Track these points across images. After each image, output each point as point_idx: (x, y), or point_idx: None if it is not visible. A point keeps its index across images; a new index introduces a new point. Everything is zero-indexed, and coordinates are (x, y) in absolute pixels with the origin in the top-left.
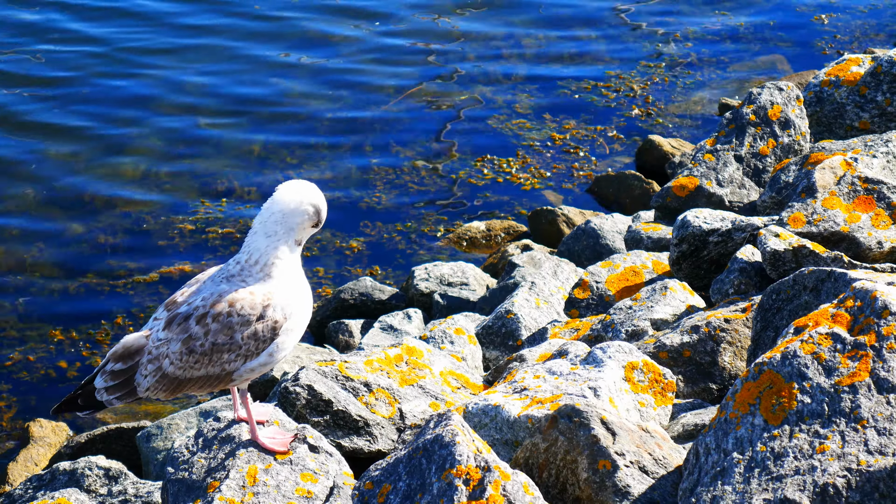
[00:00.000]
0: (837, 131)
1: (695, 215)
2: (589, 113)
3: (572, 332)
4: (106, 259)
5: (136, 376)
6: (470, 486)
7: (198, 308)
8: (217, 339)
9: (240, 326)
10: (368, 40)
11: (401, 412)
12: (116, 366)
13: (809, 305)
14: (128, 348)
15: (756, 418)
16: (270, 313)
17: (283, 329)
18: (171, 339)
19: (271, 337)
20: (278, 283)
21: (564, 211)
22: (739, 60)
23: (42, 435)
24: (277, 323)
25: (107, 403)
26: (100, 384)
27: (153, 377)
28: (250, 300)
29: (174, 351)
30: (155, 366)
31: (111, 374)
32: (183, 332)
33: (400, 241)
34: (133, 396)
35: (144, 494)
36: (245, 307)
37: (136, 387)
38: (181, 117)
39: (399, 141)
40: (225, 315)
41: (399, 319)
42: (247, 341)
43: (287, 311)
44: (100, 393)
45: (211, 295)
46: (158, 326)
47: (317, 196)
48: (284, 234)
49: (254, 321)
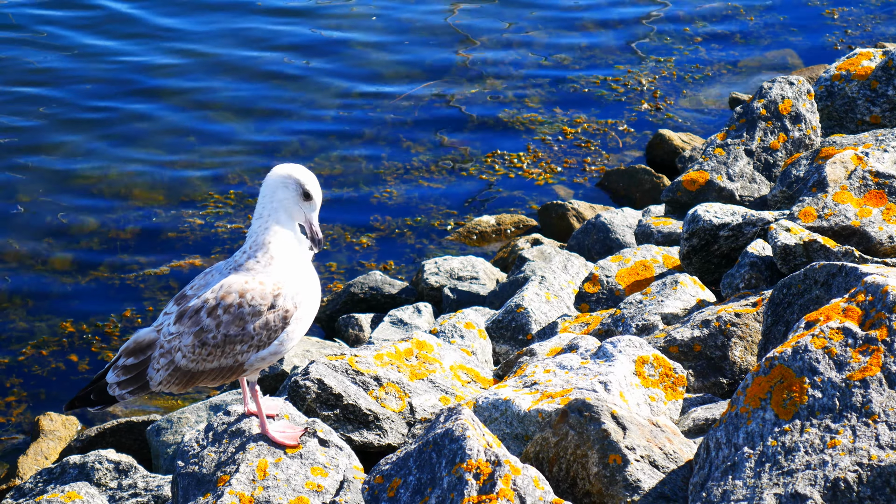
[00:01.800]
0: (848, 125)
1: (705, 210)
2: (599, 107)
3: (582, 327)
4: (116, 253)
5: (149, 370)
6: (480, 481)
7: (208, 300)
8: (229, 331)
9: (251, 317)
10: (378, 35)
11: (411, 406)
12: (128, 361)
13: (820, 300)
14: (139, 343)
15: (767, 413)
16: (281, 302)
17: (294, 318)
18: (183, 333)
19: (282, 326)
20: (285, 269)
21: (575, 205)
22: (750, 55)
23: (52, 428)
24: (288, 312)
25: (119, 398)
26: (112, 379)
27: (165, 371)
28: (260, 290)
29: (186, 344)
30: (167, 359)
31: (123, 369)
32: (195, 326)
33: (410, 236)
34: (146, 391)
35: (154, 488)
36: (256, 297)
37: (149, 381)
38: (191, 111)
39: (409, 136)
40: (236, 306)
41: (409, 314)
42: (258, 331)
43: (297, 299)
44: (112, 388)
45: (220, 287)
46: (169, 321)
47: (298, 170)
48: (275, 213)
49: (265, 311)
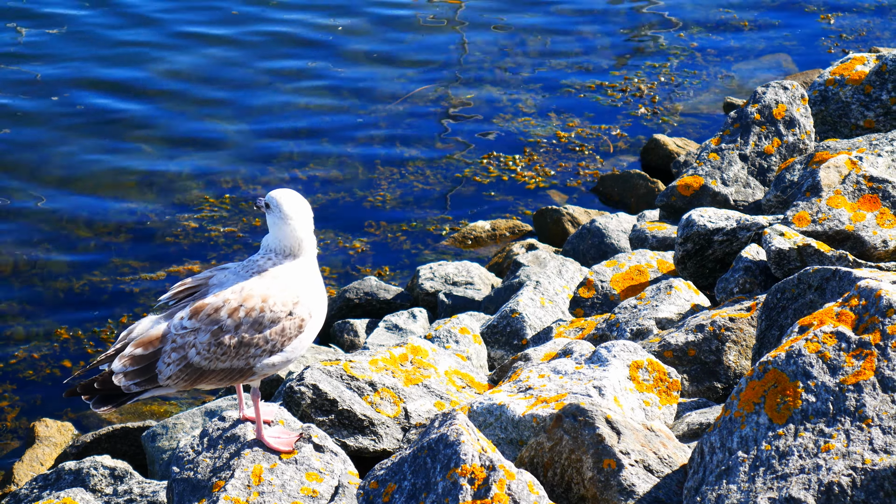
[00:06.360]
0: (842, 130)
1: (700, 214)
2: (594, 112)
3: (577, 332)
4: (111, 258)
5: (159, 364)
6: (475, 486)
7: (229, 300)
8: (247, 334)
9: (270, 322)
10: (374, 40)
11: (406, 411)
12: (136, 351)
13: (814, 304)
14: (149, 334)
15: (761, 417)
16: (299, 311)
17: (308, 326)
18: (199, 330)
19: (297, 334)
20: (305, 278)
21: (569, 210)
22: (745, 59)
23: (47, 434)
24: (304, 321)
25: (125, 389)
26: (118, 368)
27: (177, 366)
28: (282, 297)
29: (202, 342)
30: (180, 355)
31: (131, 359)
32: (213, 324)
33: (405, 241)
34: (153, 384)
35: (150, 494)
36: (277, 304)
37: (158, 374)
38: (185, 115)
39: (404, 140)
40: (258, 310)
41: (404, 319)
42: (274, 337)
43: (311, 309)
44: (118, 377)
45: (242, 289)
46: (179, 314)
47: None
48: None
49: (283, 318)
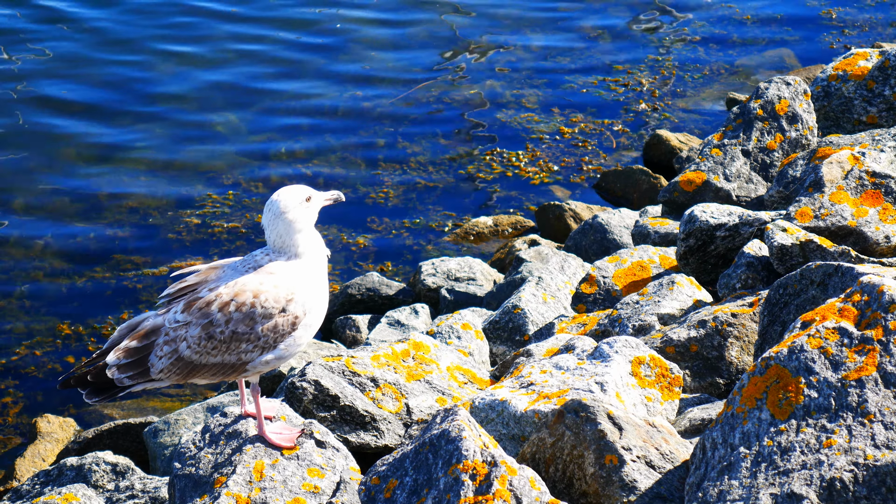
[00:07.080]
0: (845, 125)
1: (702, 210)
2: (596, 107)
3: (579, 327)
4: (113, 254)
5: (151, 357)
6: (476, 481)
7: (221, 295)
8: (237, 328)
9: (262, 318)
10: (375, 35)
11: (407, 407)
12: (132, 343)
13: (816, 300)
14: (144, 327)
15: (763, 413)
16: (292, 308)
17: (302, 324)
18: (191, 323)
19: (290, 331)
20: (301, 275)
21: (572, 206)
22: (747, 55)
23: (49, 430)
24: (297, 318)
25: (117, 382)
26: (112, 361)
27: (168, 359)
28: (274, 293)
29: (193, 335)
30: (171, 348)
31: (125, 352)
32: (204, 318)
33: (407, 237)
34: (145, 377)
35: (151, 490)
36: (269, 300)
37: (150, 367)
38: (188, 111)
39: (407, 136)
40: (249, 305)
41: (406, 315)
42: (266, 333)
43: (307, 306)
44: (111, 370)
45: (235, 284)
46: (174, 308)
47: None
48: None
49: (276, 314)
